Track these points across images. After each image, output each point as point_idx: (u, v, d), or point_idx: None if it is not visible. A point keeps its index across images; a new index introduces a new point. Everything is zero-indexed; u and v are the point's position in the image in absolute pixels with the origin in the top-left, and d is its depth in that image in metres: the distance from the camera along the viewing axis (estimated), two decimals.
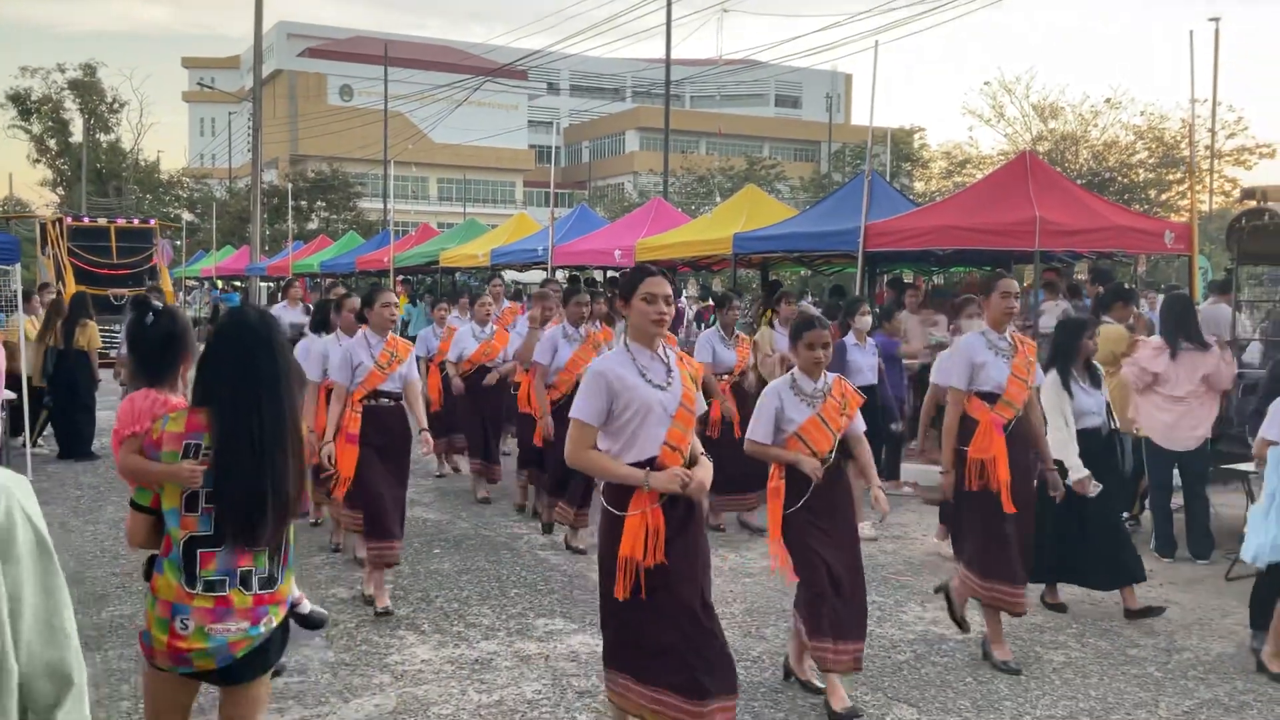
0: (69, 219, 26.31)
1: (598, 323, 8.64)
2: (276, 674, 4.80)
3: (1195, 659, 5.73)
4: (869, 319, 8.75)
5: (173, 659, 3.11)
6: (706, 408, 8.65)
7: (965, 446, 5.51)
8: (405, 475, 6.57)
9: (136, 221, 27.53)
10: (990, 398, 5.53)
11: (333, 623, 6.04)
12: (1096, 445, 6.30)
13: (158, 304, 4.02)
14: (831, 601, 4.76)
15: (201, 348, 3.41)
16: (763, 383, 7.58)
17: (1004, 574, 5.41)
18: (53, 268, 25.28)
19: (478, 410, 9.62)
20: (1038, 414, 5.81)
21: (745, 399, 8.17)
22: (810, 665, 5.07)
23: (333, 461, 6.21)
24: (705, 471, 3.94)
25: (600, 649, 4.19)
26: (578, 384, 4.35)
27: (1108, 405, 6.53)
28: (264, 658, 3.20)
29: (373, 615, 6.18)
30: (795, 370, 5.03)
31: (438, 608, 6.32)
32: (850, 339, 8.45)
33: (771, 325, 9.38)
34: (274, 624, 3.19)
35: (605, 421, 3.89)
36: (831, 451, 4.92)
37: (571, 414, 3.93)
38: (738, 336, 8.71)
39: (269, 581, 3.17)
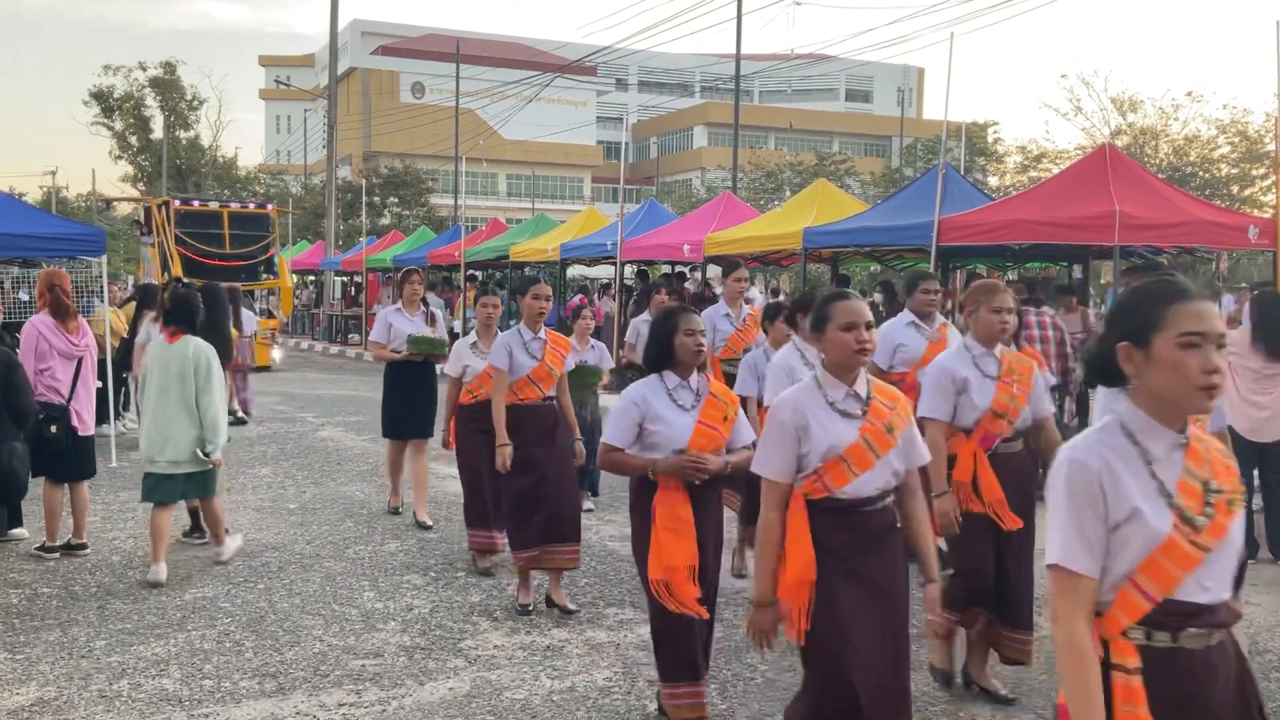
0: (176, 201, 23.28)
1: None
2: None
3: (1278, 660, 5.61)
4: None
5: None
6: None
7: None
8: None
9: (252, 206, 24.71)
10: None
11: (407, 608, 6.17)
12: None
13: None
14: None
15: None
16: None
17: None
18: (158, 257, 22.53)
19: None
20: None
21: None
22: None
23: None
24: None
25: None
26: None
27: None
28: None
29: (446, 601, 6.30)
30: None
31: (510, 595, 6.39)
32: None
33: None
34: None
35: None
36: None
37: None
38: None
39: None
